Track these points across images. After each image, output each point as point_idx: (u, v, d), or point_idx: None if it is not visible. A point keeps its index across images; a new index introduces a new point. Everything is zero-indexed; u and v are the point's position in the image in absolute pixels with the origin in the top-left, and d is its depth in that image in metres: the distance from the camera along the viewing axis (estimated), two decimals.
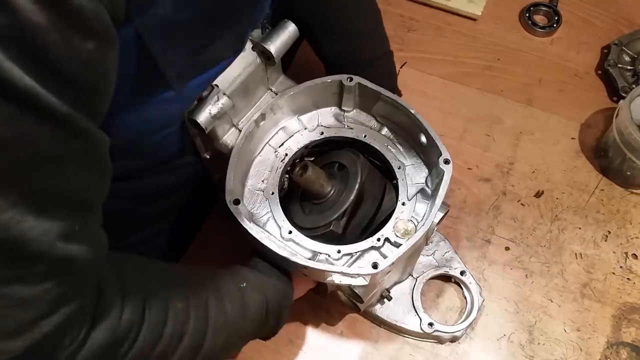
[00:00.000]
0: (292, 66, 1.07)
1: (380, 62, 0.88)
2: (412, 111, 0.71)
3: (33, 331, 0.40)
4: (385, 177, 0.75)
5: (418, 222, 0.69)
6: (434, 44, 1.13)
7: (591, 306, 0.85)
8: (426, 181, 0.72)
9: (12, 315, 0.39)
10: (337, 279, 0.64)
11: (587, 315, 0.84)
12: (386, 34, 0.90)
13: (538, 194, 0.95)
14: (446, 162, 0.67)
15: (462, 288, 0.86)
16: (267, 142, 0.76)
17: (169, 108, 0.66)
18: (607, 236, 0.91)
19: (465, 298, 0.86)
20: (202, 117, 0.65)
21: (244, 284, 0.63)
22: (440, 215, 0.70)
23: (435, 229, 0.73)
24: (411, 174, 0.73)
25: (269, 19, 0.73)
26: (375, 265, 0.62)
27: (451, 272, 0.85)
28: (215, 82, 0.66)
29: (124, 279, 0.49)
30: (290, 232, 0.69)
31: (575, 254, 0.89)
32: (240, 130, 0.72)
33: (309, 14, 0.83)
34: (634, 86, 1.01)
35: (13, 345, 0.39)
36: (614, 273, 0.88)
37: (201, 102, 0.66)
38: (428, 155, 0.72)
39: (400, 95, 0.93)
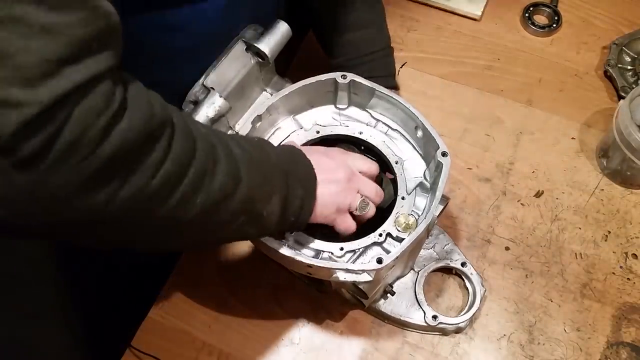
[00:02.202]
0: (292, 66, 1.08)
1: (383, 54, 0.90)
2: (407, 105, 0.72)
3: (58, 76, 0.36)
4: (384, 173, 0.76)
5: (419, 216, 0.70)
6: (434, 44, 1.13)
7: (591, 306, 0.85)
8: (424, 175, 0.73)
9: (33, 48, 0.34)
10: (342, 276, 0.64)
11: (587, 315, 0.84)
12: (388, 30, 0.93)
13: (538, 194, 0.95)
14: (444, 154, 0.68)
15: (463, 280, 0.86)
16: None
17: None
18: (607, 236, 0.91)
19: (467, 289, 0.86)
20: (199, 120, 0.66)
21: (256, 139, 0.62)
22: (441, 207, 0.70)
23: (436, 222, 0.73)
24: (409, 168, 0.74)
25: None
26: (379, 260, 0.63)
27: (452, 264, 0.85)
28: (210, 85, 0.67)
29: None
30: (292, 232, 0.69)
31: (575, 254, 0.89)
32: (236, 132, 0.73)
33: (319, 3, 0.85)
34: (634, 86, 1.01)
35: (37, 94, 0.35)
36: (614, 273, 0.87)
37: (197, 105, 0.66)
38: (425, 149, 0.73)
39: (398, 89, 0.95)
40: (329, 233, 0.69)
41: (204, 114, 0.66)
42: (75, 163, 0.38)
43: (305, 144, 0.76)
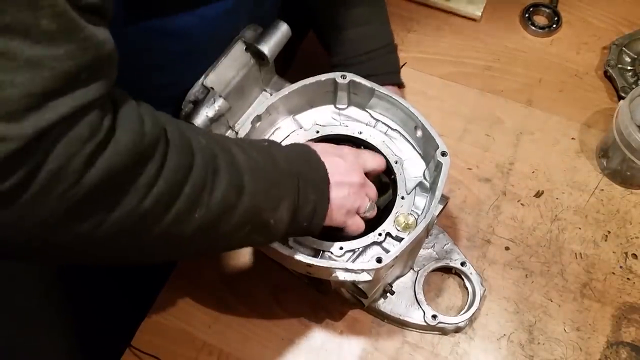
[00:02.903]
0: (292, 66, 1.08)
1: (382, 52, 0.89)
2: (407, 105, 0.72)
3: (44, 109, 0.35)
4: (383, 172, 0.76)
5: (418, 216, 0.70)
6: (434, 44, 1.13)
7: (591, 306, 0.85)
8: (424, 175, 0.73)
9: (18, 82, 0.34)
10: (342, 276, 0.64)
11: (587, 315, 0.84)
12: (390, 28, 0.92)
13: (538, 194, 0.95)
14: (443, 154, 0.68)
15: (463, 279, 0.86)
16: None
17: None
18: (607, 236, 0.91)
19: (466, 289, 0.86)
20: (199, 120, 0.66)
21: (266, 143, 0.60)
22: (440, 207, 0.70)
23: (435, 221, 0.74)
24: (409, 168, 0.74)
25: None
26: (379, 260, 0.63)
27: (452, 264, 0.85)
28: (210, 85, 0.67)
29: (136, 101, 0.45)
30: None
31: (575, 254, 0.89)
32: (236, 132, 0.73)
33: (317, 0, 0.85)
34: (634, 86, 1.01)
35: (21, 128, 0.34)
36: (614, 273, 0.87)
37: (197, 105, 0.66)
38: (425, 148, 0.73)
39: (403, 87, 0.94)
40: (329, 232, 0.69)
41: (203, 113, 0.66)
42: (60, 193, 0.37)
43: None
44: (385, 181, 0.76)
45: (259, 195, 0.53)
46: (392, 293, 0.82)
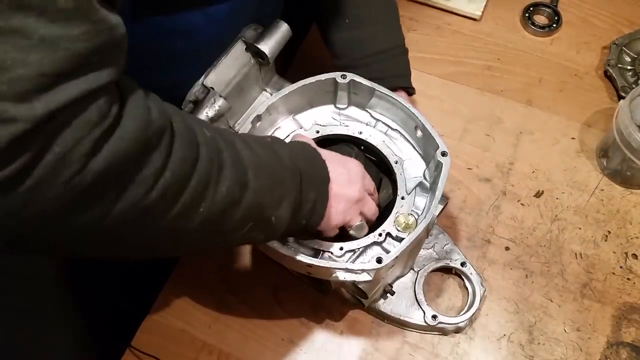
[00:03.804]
0: (292, 66, 1.08)
1: (392, 54, 0.86)
2: (407, 105, 0.72)
3: (55, 90, 0.35)
4: (383, 172, 0.76)
5: (418, 216, 0.70)
6: (434, 44, 1.13)
7: (591, 306, 0.85)
8: (424, 175, 0.73)
9: (30, 61, 0.33)
10: (342, 276, 0.64)
11: (587, 315, 0.84)
12: (401, 31, 0.89)
13: (538, 194, 0.95)
14: (443, 154, 0.68)
15: (463, 279, 0.86)
16: None
17: None
18: (607, 236, 0.91)
19: (466, 289, 0.86)
20: None
21: (269, 139, 0.59)
22: (440, 207, 0.70)
23: (435, 221, 0.73)
24: (409, 168, 0.74)
25: None
26: (379, 260, 0.63)
27: (452, 264, 0.85)
28: (210, 85, 0.67)
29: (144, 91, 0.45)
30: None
31: (575, 254, 0.89)
32: (236, 132, 0.73)
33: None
34: (634, 86, 1.01)
35: (32, 109, 0.33)
36: (614, 273, 0.87)
37: (198, 105, 0.66)
38: (425, 148, 0.73)
39: (413, 93, 0.91)
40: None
41: (203, 113, 0.66)
42: (65, 179, 0.36)
43: None
44: (385, 183, 0.76)
45: (263, 191, 0.52)
46: (392, 293, 0.82)
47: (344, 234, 0.69)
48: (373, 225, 0.71)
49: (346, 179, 0.64)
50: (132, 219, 0.42)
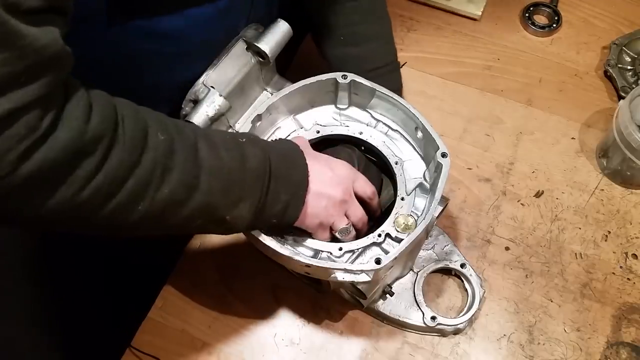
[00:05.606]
0: (292, 66, 1.07)
1: (387, 70, 0.87)
2: (408, 106, 0.72)
3: None
4: (384, 173, 0.75)
5: (418, 217, 0.70)
6: (434, 44, 1.13)
7: (591, 306, 0.85)
8: (424, 176, 0.73)
9: None
10: (341, 276, 0.64)
11: (587, 315, 0.84)
12: (395, 45, 0.90)
13: (538, 194, 0.95)
14: (443, 155, 0.68)
15: (462, 281, 0.86)
16: None
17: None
18: (607, 236, 0.91)
19: (466, 291, 0.86)
20: (199, 120, 0.66)
21: (244, 139, 0.60)
22: (440, 208, 0.70)
23: (435, 222, 0.73)
24: (409, 169, 0.74)
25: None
26: (378, 261, 0.63)
27: (451, 265, 0.85)
28: (211, 84, 0.67)
29: (91, 91, 0.47)
30: (291, 232, 0.69)
31: (575, 254, 0.89)
32: (236, 132, 0.73)
33: (319, 11, 0.83)
34: (634, 86, 1.01)
35: None
36: (614, 273, 0.87)
37: (197, 104, 0.66)
38: (425, 149, 0.73)
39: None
40: None
41: (203, 112, 0.66)
42: None
43: None
44: (385, 183, 0.76)
45: (215, 193, 0.55)
46: (392, 294, 0.82)
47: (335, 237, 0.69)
48: (368, 229, 0.71)
49: (329, 179, 0.65)
50: (67, 211, 0.46)
